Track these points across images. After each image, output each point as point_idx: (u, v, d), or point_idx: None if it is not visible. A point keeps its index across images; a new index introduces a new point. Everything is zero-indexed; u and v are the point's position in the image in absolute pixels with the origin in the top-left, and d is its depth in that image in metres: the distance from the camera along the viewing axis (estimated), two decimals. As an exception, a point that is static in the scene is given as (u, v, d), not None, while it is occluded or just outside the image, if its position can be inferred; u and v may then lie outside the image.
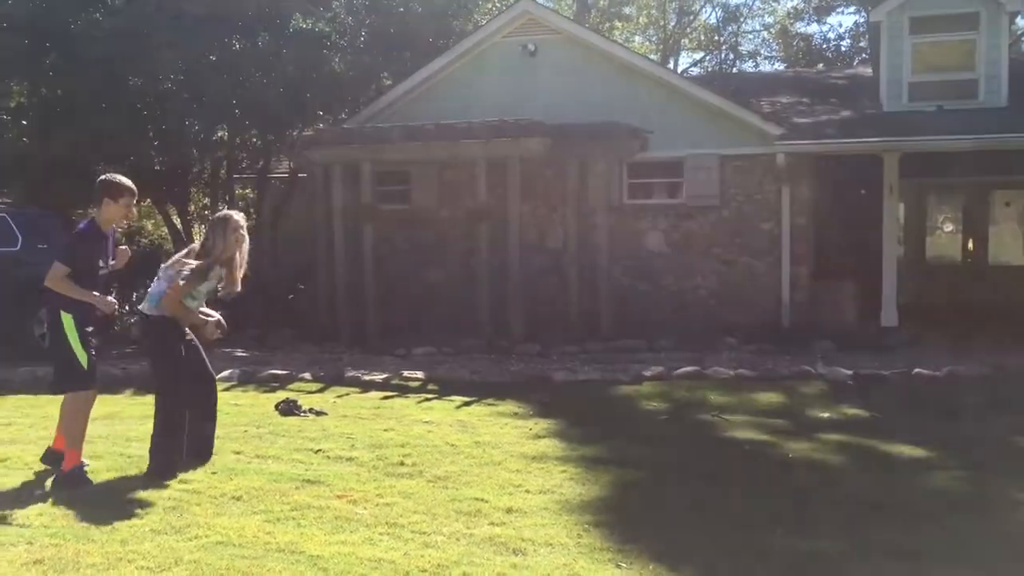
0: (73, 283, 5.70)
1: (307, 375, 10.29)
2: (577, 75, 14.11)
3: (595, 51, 14.33)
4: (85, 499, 5.41)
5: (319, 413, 8.12)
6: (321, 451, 6.66)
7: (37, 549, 4.58)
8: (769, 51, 35.29)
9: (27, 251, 11.98)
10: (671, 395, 9.13)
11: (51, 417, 6.68)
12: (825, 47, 31.66)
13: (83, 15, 13.32)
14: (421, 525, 5.00)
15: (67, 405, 5.90)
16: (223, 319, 6.31)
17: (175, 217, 16.23)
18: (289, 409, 8.15)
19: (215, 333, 6.22)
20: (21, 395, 9.11)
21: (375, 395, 9.29)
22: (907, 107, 14.03)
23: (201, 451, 6.30)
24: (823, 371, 10.00)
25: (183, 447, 6.16)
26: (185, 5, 13.32)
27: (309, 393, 9.33)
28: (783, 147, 13.24)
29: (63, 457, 5.96)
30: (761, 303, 13.56)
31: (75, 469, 5.74)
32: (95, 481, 5.79)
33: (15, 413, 8.19)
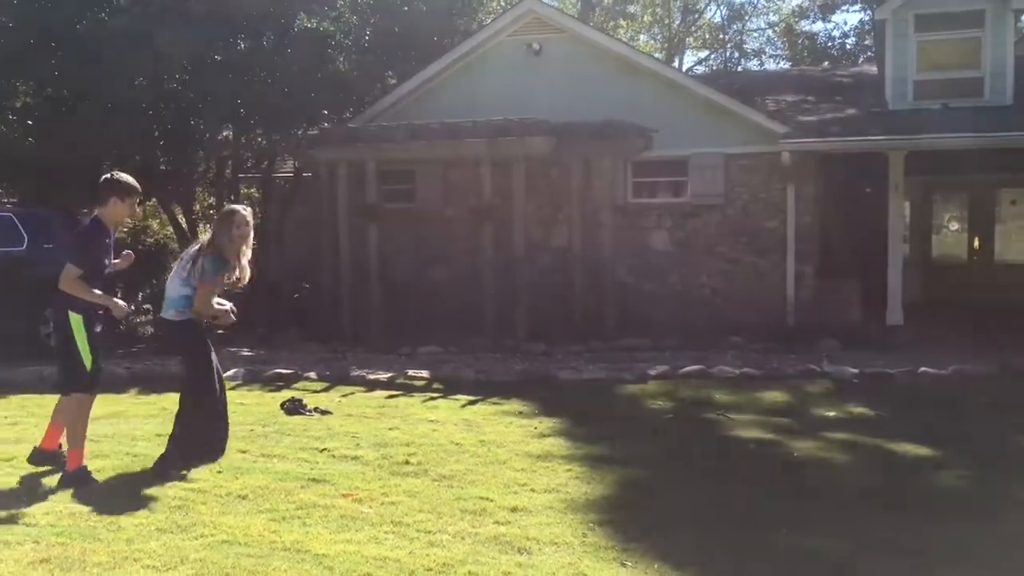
0: (86, 285, 5.72)
1: (312, 374, 10.30)
2: (582, 74, 14.10)
3: (600, 50, 14.32)
4: (90, 498, 5.43)
5: (324, 412, 8.13)
6: (326, 450, 6.67)
7: (43, 548, 4.60)
8: (774, 49, 35.31)
9: (33, 251, 12.01)
10: (676, 394, 9.13)
11: (56, 417, 6.69)
12: (830, 45, 31.64)
13: (88, 15, 13.34)
14: (426, 524, 5.01)
15: (68, 406, 5.90)
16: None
17: (180, 217, 16.25)
18: (294, 408, 8.17)
19: (230, 319, 6.35)
20: (27, 394, 9.13)
21: (380, 394, 9.29)
22: (912, 105, 13.99)
23: (213, 448, 6.36)
24: (828, 370, 9.99)
25: (199, 444, 6.28)
26: (190, 5, 13.34)
27: (314, 392, 9.34)
28: (788, 145, 13.22)
29: (52, 457, 5.97)
30: (766, 302, 13.55)
31: (79, 469, 5.76)
32: (100, 480, 5.80)
33: (21, 412, 8.21)
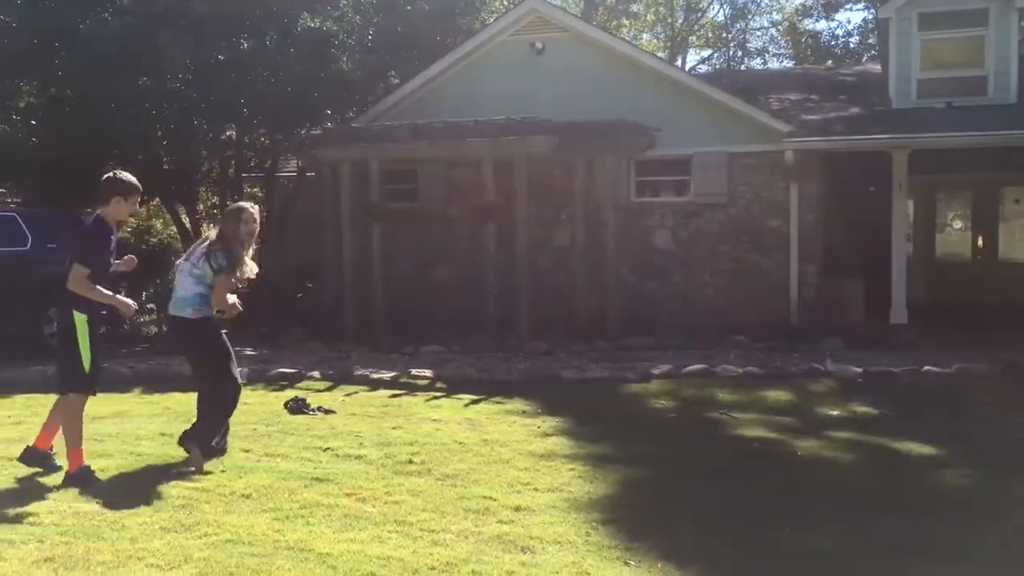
0: (93, 285, 5.73)
1: (316, 373, 10.31)
2: (584, 73, 14.09)
3: (603, 49, 14.31)
4: (95, 497, 5.43)
5: (328, 411, 8.14)
6: (330, 449, 6.67)
7: (48, 547, 4.60)
8: (777, 48, 35.26)
9: (37, 251, 12.03)
10: (679, 393, 9.12)
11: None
12: (834, 44, 31.60)
13: (92, 15, 13.35)
14: (430, 523, 5.01)
15: (66, 406, 5.90)
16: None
17: (184, 216, 16.27)
18: (298, 407, 8.17)
19: (237, 310, 6.43)
20: (31, 394, 9.13)
21: (383, 393, 9.30)
22: (916, 104, 13.98)
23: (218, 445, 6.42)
24: (832, 369, 9.98)
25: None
26: (193, 5, 13.35)
27: (318, 391, 9.35)
28: (791, 144, 13.21)
29: (43, 458, 5.95)
30: (770, 301, 13.53)
31: (81, 469, 5.76)
32: (104, 479, 5.81)
33: (25, 412, 8.22)
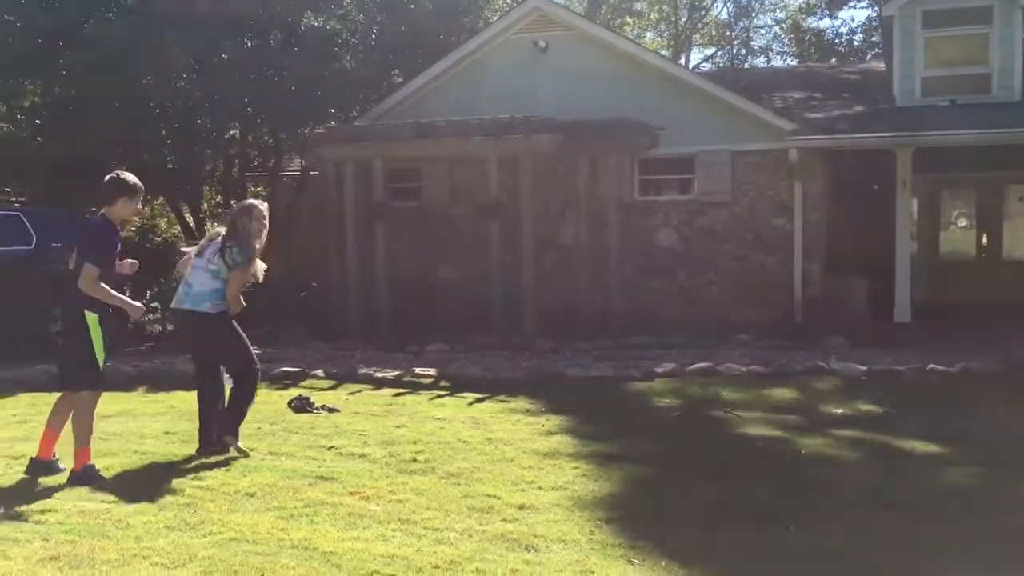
0: (104, 286, 5.76)
1: (319, 372, 10.31)
2: (588, 71, 14.08)
3: (606, 47, 14.30)
4: (99, 496, 5.44)
5: (331, 410, 8.14)
6: (334, 448, 6.67)
7: (52, 545, 4.61)
8: (781, 46, 35.15)
9: (41, 249, 12.04)
10: (683, 391, 9.12)
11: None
12: (837, 42, 31.49)
13: (96, 15, 13.39)
14: (434, 521, 5.01)
15: (77, 404, 5.92)
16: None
17: (188, 215, 16.30)
18: (302, 406, 8.17)
19: (241, 305, 6.48)
20: (36, 393, 9.15)
21: (387, 392, 9.30)
22: (920, 102, 13.96)
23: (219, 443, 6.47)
24: (836, 367, 9.97)
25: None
26: (197, 4, 13.37)
27: (322, 390, 9.35)
28: (795, 143, 13.20)
29: (48, 467, 5.91)
30: (774, 299, 13.52)
31: (88, 467, 5.77)
32: (109, 478, 5.82)
33: (30, 411, 8.24)
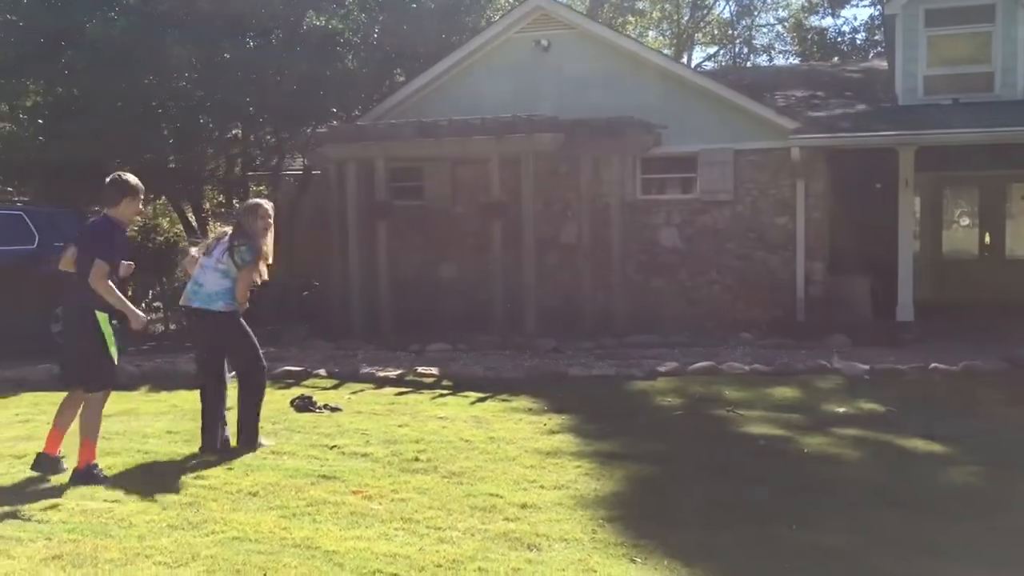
0: (113, 287, 5.77)
1: (322, 371, 10.32)
2: (590, 70, 14.08)
3: (608, 46, 14.29)
4: (102, 495, 5.45)
5: (334, 409, 8.14)
6: (336, 447, 6.68)
7: (55, 545, 4.62)
8: (783, 45, 35.12)
9: (44, 249, 12.05)
10: (686, 390, 9.11)
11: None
12: (840, 40, 31.46)
13: (98, 14, 13.39)
14: (436, 520, 5.02)
15: (89, 403, 5.93)
16: None
17: (190, 214, 16.32)
18: (304, 405, 8.18)
19: (245, 305, 6.53)
20: (39, 392, 9.17)
21: (389, 391, 9.31)
22: (923, 100, 13.94)
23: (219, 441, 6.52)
24: (839, 366, 9.95)
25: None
26: (199, 4, 13.38)
27: (324, 389, 9.36)
28: (798, 141, 13.18)
29: (54, 463, 5.94)
30: (776, 298, 13.51)
31: (91, 466, 5.79)
32: (111, 477, 5.83)
33: (33, 410, 8.25)
